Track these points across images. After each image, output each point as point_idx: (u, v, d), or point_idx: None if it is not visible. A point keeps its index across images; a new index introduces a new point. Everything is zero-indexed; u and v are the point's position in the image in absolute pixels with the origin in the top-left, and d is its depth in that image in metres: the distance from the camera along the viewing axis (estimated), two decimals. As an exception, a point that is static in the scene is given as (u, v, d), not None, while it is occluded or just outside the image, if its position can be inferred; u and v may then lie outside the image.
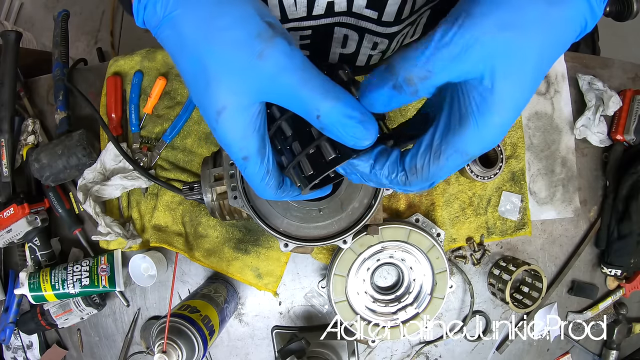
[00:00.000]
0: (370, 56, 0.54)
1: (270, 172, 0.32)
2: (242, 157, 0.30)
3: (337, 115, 0.27)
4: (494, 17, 0.25)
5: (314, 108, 0.27)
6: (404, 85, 0.26)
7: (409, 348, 0.78)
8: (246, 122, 0.29)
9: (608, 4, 0.83)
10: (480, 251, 0.76)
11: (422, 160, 0.29)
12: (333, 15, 0.46)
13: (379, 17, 0.45)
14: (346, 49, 0.52)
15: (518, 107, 0.27)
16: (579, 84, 0.80)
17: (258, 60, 0.27)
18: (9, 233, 0.70)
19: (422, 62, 0.25)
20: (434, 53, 0.25)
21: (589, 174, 0.81)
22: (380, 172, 0.31)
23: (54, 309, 0.71)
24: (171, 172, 0.72)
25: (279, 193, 0.34)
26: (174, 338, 0.56)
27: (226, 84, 0.28)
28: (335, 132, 0.28)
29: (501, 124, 0.27)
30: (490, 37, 0.25)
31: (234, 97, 0.28)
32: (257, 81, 0.28)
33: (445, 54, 0.25)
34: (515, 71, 0.26)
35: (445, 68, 0.25)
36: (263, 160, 0.31)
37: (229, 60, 0.27)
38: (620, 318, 0.81)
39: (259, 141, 0.30)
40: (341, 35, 0.50)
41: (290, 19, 0.46)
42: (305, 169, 0.33)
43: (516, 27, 0.25)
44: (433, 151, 0.28)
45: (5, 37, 0.72)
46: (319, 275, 0.76)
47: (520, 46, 0.26)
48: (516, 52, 0.26)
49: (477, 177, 0.71)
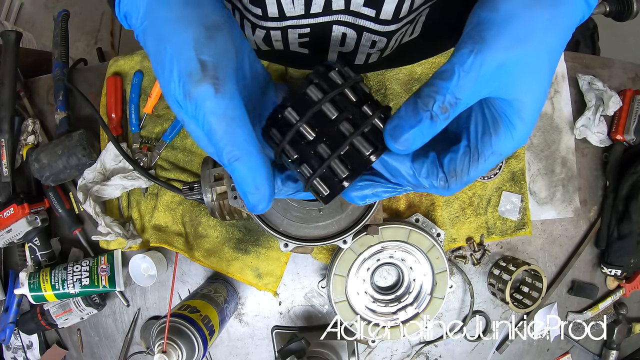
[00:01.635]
0: (369, 54, 0.54)
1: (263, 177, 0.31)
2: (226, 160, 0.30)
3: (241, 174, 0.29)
4: (505, 37, 0.27)
5: (223, 159, 0.29)
6: (439, 114, 0.27)
7: (409, 348, 0.78)
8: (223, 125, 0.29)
9: (608, 3, 0.83)
10: (480, 251, 0.76)
11: (462, 163, 0.30)
12: (331, 13, 0.46)
13: (376, 15, 0.45)
14: (344, 47, 0.52)
15: (540, 103, 0.29)
16: (579, 84, 0.80)
17: (185, 98, 0.28)
18: (9, 233, 0.70)
19: (452, 91, 0.27)
20: (459, 82, 0.27)
21: (589, 174, 0.81)
22: (421, 172, 0.31)
23: (54, 309, 0.71)
24: (171, 172, 0.72)
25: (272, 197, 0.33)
26: (174, 338, 0.56)
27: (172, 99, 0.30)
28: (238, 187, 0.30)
29: (530, 123, 0.29)
30: (506, 56, 0.27)
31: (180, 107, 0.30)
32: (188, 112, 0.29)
33: (470, 80, 0.27)
34: (532, 77, 0.28)
35: (472, 92, 0.27)
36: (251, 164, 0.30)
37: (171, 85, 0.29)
38: (620, 318, 0.81)
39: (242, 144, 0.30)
40: (339, 34, 0.50)
41: (288, 17, 0.46)
42: (338, 171, 0.30)
43: (529, 38, 0.27)
44: (472, 155, 0.30)
45: (5, 37, 0.72)
46: (319, 275, 0.76)
47: (534, 54, 0.28)
48: (531, 61, 0.28)
49: (477, 177, 0.71)
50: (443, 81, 0.27)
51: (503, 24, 0.27)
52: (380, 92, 0.73)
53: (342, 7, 0.45)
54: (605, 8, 0.84)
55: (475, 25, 0.28)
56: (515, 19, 0.27)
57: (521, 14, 0.27)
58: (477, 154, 0.30)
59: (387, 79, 0.73)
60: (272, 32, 0.50)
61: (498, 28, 0.27)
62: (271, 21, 0.47)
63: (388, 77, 0.73)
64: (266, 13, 0.45)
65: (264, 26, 0.48)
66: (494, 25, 0.27)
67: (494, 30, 0.27)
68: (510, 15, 0.27)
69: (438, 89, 0.27)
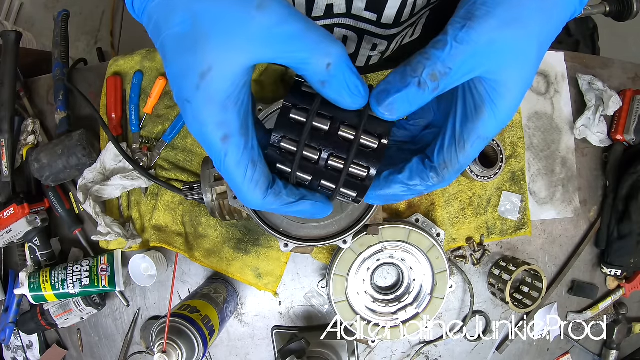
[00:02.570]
0: (370, 57, 0.54)
1: (257, 165, 0.28)
2: (221, 136, 0.26)
3: (346, 62, 0.26)
4: (495, 17, 0.27)
5: (325, 54, 0.25)
6: (428, 82, 0.27)
7: (409, 348, 0.78)
8: (231, 90, 0.26)
9: (608, 3, 0.83)
10: (480, 251, 0.76)
11: (450, 153, 0.30)
12: (332, 16, 0.46)
13: (378, 19, 0.45)
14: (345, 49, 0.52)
15: (525, 88, 0.29)
16: (579, 84, 0.80)
17: (256, 11, 0.25)
18: (9, 233, 0.70)
19: (443, 59, 0.27)
20: (452, 51, 0.27)
21: (589, 174, 0.81)
22: (413, 183, 0.32)
23: (54, 309, 0.71)
24: (171, 172, 0.72)
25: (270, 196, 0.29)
26: (174, 338, 0.56)
27: (217, 40, 0.25)
28: (341, 84, 0.27)
29: (513, 105, 0.29)
30: (496, 35, 0.27)
31: (225, 54, 0.25)
32: (254, 35, 0.25)
33: (462, 52, 0.27)
34: (520, 61, 0.28)
35: (462, 65, 0.27)
36: (247, 144, 0.27)
37: (224, 14, 0.25)
38: (620, 318, 0.81)
39: (242, 117, 0.27)
40: (340, 36, 0.50)
41: None
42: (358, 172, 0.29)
43: (518, 21, 0.27)
44: (457, 142, 0.30)
45: (5, 37, 0.72)
46: (319, 275, 0.76)
47: (523, 38, 0.28)
48: (520, 44, 0.28)
49: (477, 177, 0.71)
50: (435, 50, 0.27)
51: (494, 5, 0.27)
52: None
53: (344, 11, 0.45)
54: (605, 8, 0.84)
55: (468, 6, 0.28)
56: (506, 2, 0.27)
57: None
58: (463, 141, 0.30)
59: (387, 79, 0.73)
60: None
61: (488, 8, 0.27)
62: None
63: (388, 77, 0.73)
64: None
65: None
66: (484, 6, 0.27)
67: (484, 10, 0.27)
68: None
69: (429, 57, 0.27)
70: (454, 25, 0.28)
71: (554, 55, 0.80)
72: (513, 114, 0.30)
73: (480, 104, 0.29)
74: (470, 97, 0.30)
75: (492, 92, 0.29)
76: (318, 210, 0.31)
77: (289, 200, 0.30)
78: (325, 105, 0.29)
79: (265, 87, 0.73)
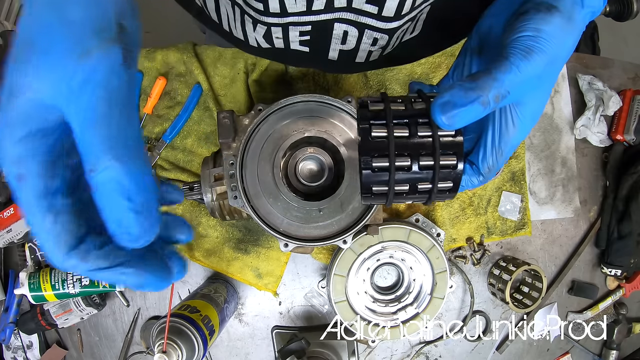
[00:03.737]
0: (370, 52, 0.54)
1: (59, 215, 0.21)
2: (15, 175, 0.21)
3: (114, 185, 0.20)
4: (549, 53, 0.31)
5: (92, 157, 0.21)
6: (491, 101, 0.30)
7: (409, 348, 0.78)
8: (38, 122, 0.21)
9: (608, 3, 0.83)
10: (480, 251, 0.76)
11: (491, 160, 0.36)
12: (333, 10, 0.46)
13: (379, 12, 0.45)
14: (346, 45, 0.52)
15: (545, 103, 0.36)
16: (579, 84, 0.80)
17: (78, 57, 0.21)
18: (9, 233, 0.70)
19: (507, 84, 0.30)
20: (514, 78, 0.31)
21: (589, 174, 0.81)
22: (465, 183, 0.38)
23: (54, 309, 0.71)
24: (171, 172, 0.72)
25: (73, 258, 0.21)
26: (174, 338, 0.56)
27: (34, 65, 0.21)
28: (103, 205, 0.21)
29: (536, 119, 0.35)
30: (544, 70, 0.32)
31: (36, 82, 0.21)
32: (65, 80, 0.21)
33: (520, 80, 0.31)
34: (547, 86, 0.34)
35: (517, 90, 0.31)
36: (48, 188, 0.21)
37: (55, 41, 0.21)
38: (620, 318, 0.81)
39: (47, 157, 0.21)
40: (341, 32, 0.50)
41: (290, 13, 0.46)
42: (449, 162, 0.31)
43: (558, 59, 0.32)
44: (497, 152, 0.36)
45: (5, 37, 0.72)
46: (319, 275, 0.76)
47: (556, 71, 0.34)
48: (552, 76, 0.33)
49: (477, 177, 0.71)
50: (502, 73, 0.30)
51: (547, 40, 0.31)
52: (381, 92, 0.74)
53: (344, 5, 0.45)
54: (605, 8, 0.84)
55: (525, 34, 0.32)
56: (555, 39, 0.31)
57: (558, 36, 0.31)
58: (502, 150, 0.36)
59: (387, 79, 0.73)
60: (273, 28, 0.50)
61: (543, 44, 0.31)
62: (273, 17, 0.47)
63: (388, 77, 0.73)
64: (267, 8, 0.45)
65: (265, 22, 0.48)
66: (540, 41, 0.31)
67: (541, 46, 0.31)
68: (554, 36, 0.31)
69: (496, 78, 0.30)
70: (515, 52, 0.31)
71: (554, 55, 0.80)
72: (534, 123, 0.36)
73: (513, 121, 0.34)
74: (505, 115, 0.35)
75: (524, 111, 0.34)
76: (147, 282, 0.23)
77: (102, 264, 0.22)
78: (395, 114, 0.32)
79: (265, 87, 0.73)
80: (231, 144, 0.51)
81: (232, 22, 0.53)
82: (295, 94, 0.52)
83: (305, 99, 0.52)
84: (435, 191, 0.32)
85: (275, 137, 0.52)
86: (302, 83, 0.73)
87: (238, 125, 0.52)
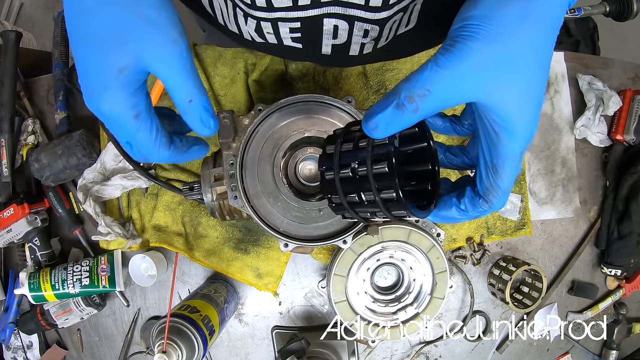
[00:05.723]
0: (363, 44, 0.54)
1: (159, 130, 0.35)
2: (134, 115, 0.33)
3: (203, 104, 0.34)
4: (479, 38, 0.28)
5: (189, 93, 0.33)
6: (406, 103, 0.29)
7: (409, 348, 0.78)
8: (142, 81, 0.33)
9: (608, 4, 0.83)
10: (480, 251, 0.76)
11: (488, 180, 0.33)
12: (319, 5, 0.46)
13: (366, 2, 0.45)
14: (337, 39, 0.52)
15: (535, 98, 0.30)
16: (579, 84, 0.80)
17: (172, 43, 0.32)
18: (9, 233, 0.70)
19: (422, 82, 0.28)
20: (430, 74, 0.28)
21: (589, 174, 0.81)
22: (466, 208, 0.35)
23: (54, 309, 0.71)
24: (171, 172, 0.72)
25: (172, 150, 0.37)
26: (174, 338, 0.56)
27: (140, 42, 0.31)
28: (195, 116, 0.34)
29: (529, 118, 0.30)
30: (478, 57, 0.28)
31: (146, 52, 0.31)
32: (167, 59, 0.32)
33: (443, 75, 0.28)
34: (517, 75, 0.29)
35: (446, 87, 0.28)
36: (152, 118, 0.34)
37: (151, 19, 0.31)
38: (620, 318, 0.81)
39: (147, 99, 0.34)
40: (331, 27, 0.50)
41: (276, 8, 0.47)
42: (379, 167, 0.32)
43: (501, 38, 0.28)
44: (491, 169, 0.32)
45: (5, 37, 0.72)
46: (319, 275, 0.76)
47: (512, 53, 0.28)
48: (509, 60, 0.28)
49: (477, 177, 0.71)
50: (415, 73, 0.29)
51: (476, 26, 0.28)
52: (380, 92, 0.74)
53: None
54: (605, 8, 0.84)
55: (456, 27, 0.29)
56: (488, 19, 0.28)
57: (493, 14, 0.28)
58: (495, 167, 0.32)
59: (387, 79, 0.73)
60: (262, 23, 0.50)
61: (471, 31, 0.28)
62: (260, 11, 0.47)
63: (388, 77, 0.73)
64: (255, 2, 0.46)
65: (254, 16, 0.48)
66: (467, 28, 0.28)
67: (467, 33, 0.28)
68: (484, 16, 0.28)
69: (408, 80, 0.29)
70: (440, 49, 0.29)
71: (554, 55, 0.80)
72: (534, 124, 0.30)
73: (496, 127, 0.30)
74: (487, 124, 0.31)
75: (502, 113, 0.29)
76: (202, 150, 0.41)
77: (185, 149, 0.39)
78: None
79: (265, 87, 0.73)
80: (231, 144, 0.51)
81: (225, 15, 0.53)
82: (295, 94, 0.52)
83: (305, 99, 0.52)
84: (379, 200, 0.32)
85: (275, 137, 0.52)
86: (302, 83, 0.73)
87: (238, 125, 0.52)
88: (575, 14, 0.88)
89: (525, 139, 0.30)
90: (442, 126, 0.38)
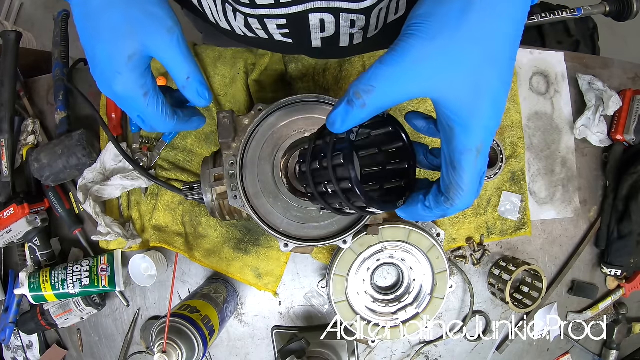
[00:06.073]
0: (352, 35, 0.54)
1: (165, 104, 0.39)
2: (143, 93, 0.37)
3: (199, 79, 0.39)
4: (420, 35, 0.29)
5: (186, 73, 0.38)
6: (354, 99, 0.30)
7: (409, 348, 0.78)
8: (147, 65, 0.37)
9: (608, 3, 0.83)
10: (480, 251, 0.76)
11: (448, 176, 0.32)
12: (303, 2, 0.46)
13: None
14: (325, 32, 0.52)
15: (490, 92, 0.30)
16: (579, 84, 0.80)
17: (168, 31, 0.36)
18: (9, 233, 0.70)
19: (367, 79, 0.30)
20: (375, 71, 0.30)
21: (589, 174, 0.81)
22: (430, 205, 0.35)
23: (54, 309, 0.71)
24: (171, 172, 0.72)
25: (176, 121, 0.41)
26: (174, 338, 0.56)
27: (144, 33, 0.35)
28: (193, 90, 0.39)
29: (486, 114, 0.30)
30: (419, 53, 0.28)
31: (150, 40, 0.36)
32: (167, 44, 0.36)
33: (385, 71, 0.29)
34: (463, 68, 0.29)
35: (391, 83, 0.29)
36: (158, 94, 0.39)
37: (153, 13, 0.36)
38: (620, 318, 0.81)
39: (153, 80, 0.38)
40: (317, 21, 0.50)
41: (259, 5, 0.47)
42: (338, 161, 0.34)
43: (442, 33, 0.28)
44: (450, 164, 0.32)
45: (5, 37, 0.72)
46: (319, 275, 0.76)
47: (455, 47, 0.28)
48: (453, 54, 0.28)
49: (477, 177, 0.71)
50: (364, 72, 0.31)
51: (419, 23, 0.29)
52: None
53: None
54: (605, 8, 0.84)
55: (404, 27, 0.31)
56: (430, 16, 0.29)
57: (435, 11, 0.29)
58: (453, 162, 0.32)
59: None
60: (249, 19, 0.50)
61: (413, 29, 0.29)
62: (245, 7, 0.48)
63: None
64: None
65: (242, 12, 0.49)
66: (411, 26, 0.29)
67: (411, 30, 0.29)
68: (427, 14, 0.29)
69: (358, 78, 0.31)
70: (388, 49, 0.30)
71: (554, 55, 0.80)
72: (491, 118, 0.30)
73: (449, 122, 0.31)
74: (442, 119, 0.32)
75: (453, 107, 0.30)
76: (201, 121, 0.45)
77: (187, 119, 0.43)
78: None
79: (265, 87, 0.73)
80: (231, 144, 0.51)
81: (215, 13, 0.53)
82: (295, 94, 0.52)
83: (305, 99, 0.52)
84: (339, 189, 0.34)
85: (275, 137, 0.52)
86: (302, 83, 0.73)
87: (238, 125, 0.52)
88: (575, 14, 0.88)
89: (480, 133, 0.30)
90: (425, 128, 0.39)
